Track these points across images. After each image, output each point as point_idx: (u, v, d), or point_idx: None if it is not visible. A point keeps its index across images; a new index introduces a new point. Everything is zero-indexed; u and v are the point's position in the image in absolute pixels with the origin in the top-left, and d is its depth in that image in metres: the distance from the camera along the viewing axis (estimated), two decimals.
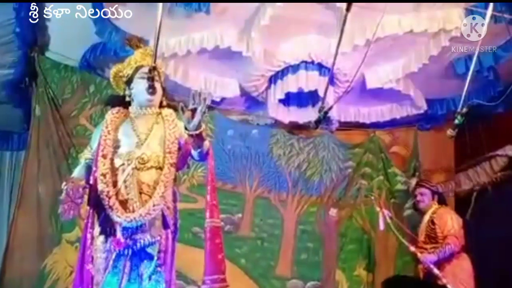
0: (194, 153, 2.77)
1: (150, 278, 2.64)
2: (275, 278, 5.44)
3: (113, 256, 2.64)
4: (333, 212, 5.63)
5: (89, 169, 2.86)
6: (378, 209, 4.62)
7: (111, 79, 3.09)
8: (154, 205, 2.65)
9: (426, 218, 4.75)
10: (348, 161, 5.79)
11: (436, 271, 4.22)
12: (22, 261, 4.63)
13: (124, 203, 2.66)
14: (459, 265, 4.44)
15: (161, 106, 2.99)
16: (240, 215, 5.46)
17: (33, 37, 4.63)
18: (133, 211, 2.65)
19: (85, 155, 2.94)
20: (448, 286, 3.95)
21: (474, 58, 3.09)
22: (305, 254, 5.53)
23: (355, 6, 3.07)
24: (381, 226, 4.54)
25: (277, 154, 5.63)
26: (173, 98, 3.20)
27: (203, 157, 2.83)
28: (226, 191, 5.40)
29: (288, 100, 5.14)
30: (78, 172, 2.90)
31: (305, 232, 5.58)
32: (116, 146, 2.80)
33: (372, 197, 5.16)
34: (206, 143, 2.74)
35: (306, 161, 5.67)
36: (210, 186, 2.99)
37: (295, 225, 5.58)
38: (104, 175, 2.69)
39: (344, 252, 5.57)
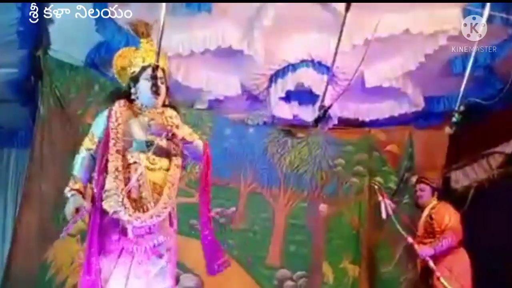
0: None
1: (156, 275, 2.38)
2: (265, 267, 5.19)
3: (123, 253, 2.38)
4: (323, 207, 5.33)
5: (92, 162, 2.51)
6: (380, 198, 4.31)
7: (115, 70, 2.77)
8: (164, 207, 2.39)
9: (425, 213, 4.43)
10: (338, 159, 5.46)
11: (431, 264, 3.93)
12: (26, 253, 4.34)
13: (136, 202, 2.37)
14: (456, 260, 4.13)
15: (163, 105, 2.68)
16: (234, 208, 5.19)
17: (38, 37, 4.24)
18: (147, 210, 2.37)
19: (87, 145, 2.57)
20: (441, 279, 3.65)
21: (472, 57, 2.80)
22: (294, 246, 5.27)
23: (354, 5, 2.75)
24: (384, 215, 4.22)
25: (271, 152, 5.35)
26: (174, 98, 2.86)
27: (196, 157, 2.67)
28: (221, 186, 5.09)
29: (288, 99, 4.83)
30: (79, 166, 2.55)
31: (294, 225, 5.31)
32: (127, 142, 2.47)
33: (376, 187, 4.77)
34: (198, 143, 2.61)
35: (299, 159, 5.38)
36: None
37: (285, 219, 5.31)
38: (117, 171, 2.37)
39: (331, 246, 5.30)
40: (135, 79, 2.63)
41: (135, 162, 2.43)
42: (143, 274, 2.36)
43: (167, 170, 2.50)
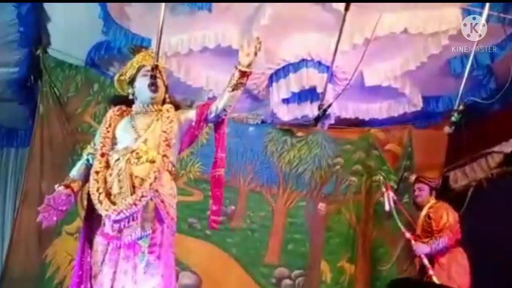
0: (225, 98, 2.65)
1: (144, 271, 2.32)
2: (264, 266, 5.12)
3: (109, 249, 2.36)
4: (321, 206, 5.26)
5: (90, 166, 2.56)
6: (384, 189, 4.25)
7: (116, 84, 2.78)
8: (141, 196, 2.32)
9: (423, 212, 4.35)
10: (337, 158, 5.38)
11: (425, 261, 3.86)
12: (26, 251, 4.32)
13: (117, 197, 2.35)
14: (454, 259, 4.05)
15: (164, 103, 2.67)
16: (233, 207, 5.13)
17: (38, 36, 4.21)
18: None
19: (88, 150, 2.63)
20: (434, 278, 3.60)
21: (471, 57, 2.75)
22: (292, 245, 5.20)
23: (353, 5, 2.71)
24: (387, 207, 4.18)
25: (271, 151, 5.29)
26: (174, 96, 2.83)
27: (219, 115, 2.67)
28: None
29: (287, 99, 4.72)
30: (77, 169, 2.61)
31: (293, 224, 5.24)
32: (114, 143, 2.52)
33: (381, 178, 4.73)
34: (238, 93, 2.69)
35: (298, 158, 5.31)
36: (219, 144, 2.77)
37: (284, 218, 5.25)
38: (97, 172, 2.41)
39: (329, 245, 5.22)
40: (132, 80, 2.66)
41: (118, 159, 2.43)
42: (131, 269, 2.32)
43: (153, 162, 2.43)
